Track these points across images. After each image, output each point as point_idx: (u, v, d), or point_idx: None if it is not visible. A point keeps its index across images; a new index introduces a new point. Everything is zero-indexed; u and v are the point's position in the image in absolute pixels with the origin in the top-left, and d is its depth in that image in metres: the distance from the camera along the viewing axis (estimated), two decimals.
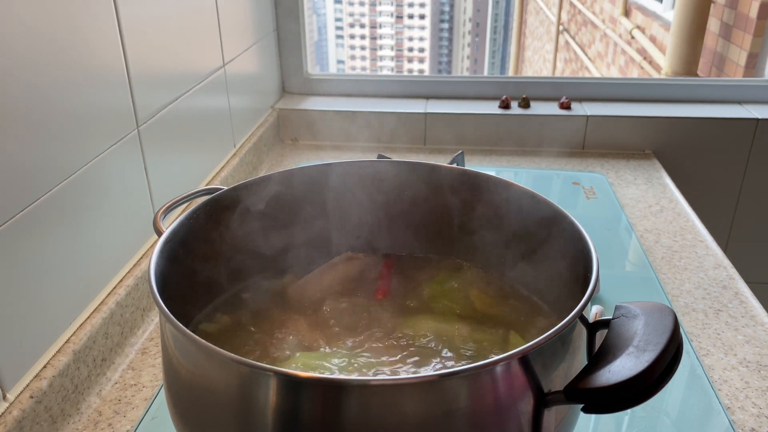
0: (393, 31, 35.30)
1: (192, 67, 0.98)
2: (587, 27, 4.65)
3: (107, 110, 0.74)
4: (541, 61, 6.66)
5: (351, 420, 0.41)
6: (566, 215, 0.58)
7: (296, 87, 1.47)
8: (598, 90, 1.42)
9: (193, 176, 1.01)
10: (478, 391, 0.42)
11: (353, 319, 0.64)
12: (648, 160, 1.32)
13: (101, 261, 0.75)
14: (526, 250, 0.65)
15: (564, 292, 0.59)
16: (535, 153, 1.36)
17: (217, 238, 0.64)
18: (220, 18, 1.07)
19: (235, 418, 0.44)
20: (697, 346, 0.78)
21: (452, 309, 0.65)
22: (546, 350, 0.44)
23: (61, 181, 0.66)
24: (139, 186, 0.83)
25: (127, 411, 0.68)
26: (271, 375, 0.42)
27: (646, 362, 0.41)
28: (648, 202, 1.15)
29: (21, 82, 0.60)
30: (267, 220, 0.68)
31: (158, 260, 0.53)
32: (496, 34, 30.01)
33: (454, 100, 1.43)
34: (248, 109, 1.26)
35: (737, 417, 0.68)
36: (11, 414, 0.58)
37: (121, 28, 0.76)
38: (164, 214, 0.60)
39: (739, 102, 1.38)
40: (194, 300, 0.63)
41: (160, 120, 0.87)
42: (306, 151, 1.38)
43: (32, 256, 0.63)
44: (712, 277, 0.93)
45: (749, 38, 2.24)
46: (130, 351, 0.77)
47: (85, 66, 0.70)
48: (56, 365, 0.65)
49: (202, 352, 0.44)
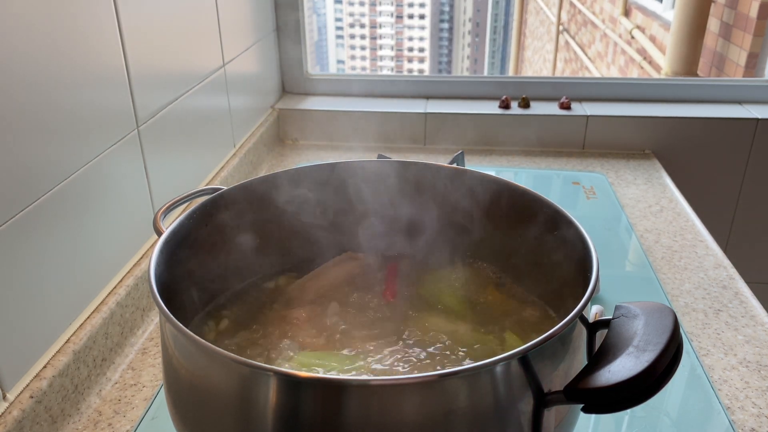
0: (393, 31, 35.31)
1: (192, 67, 0.98)
2: (587, 27, 4.65)
3: (107, 110, 0.74)
4: (541, 61, 6.66)
5: (351, 420, 0.41)
6: (566, 215, 0.58)
7: (296, 87, 1.47)
8: (598, 90, 1.42)
9: (193, 176, 1.01)
10: (478, 391, 0.42)
11: (353, 319, 0.64)
12: (648, 160, 1.32)
13: (101, 261, 0.75)
14: (526, 250, 0.65)
15: (564, 292, 0.59)
16: (535, 153, 1.36)
17: (217, 238, 0.64)
18: (220, 18, 1.07)
19: (235, 418, 0.44)
20: (697, 346, 0.78)
21: (452, 309, 0.65)
22: (546, 350, 0.44)
23: (60, 181, 0.66)
24: (139, 186, 0.83)
25: (127, 411, 0.68)
26: (271, 375, 0.42)
27: (646, 362, 0.41)
28: (648, 202, 1.15)
29: (21, 81, 0.60)
30: (267, 219, 0.68)
31: (158, 260, 0.53)
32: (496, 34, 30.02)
33: (454, 100, 1.43)
34: (248, 109, 1.26)
35: (737, 417, 0.68)
36: (11, 414, 0.58)
37: (121, 28, 0.76)
38: (164, 214, 0.60)
39: (739, 102, 1.38)
40: (194, 300, 0.63)
41: (160, 120, 0.87)
42: (306, 151, 1.38)
43: (32, 256, 0.63)
44: (712, 277, 0.93)
45: (749, 38, 2.24)
46: (130, 351, 0.77)
47: (85, 66, 0.70)
48: (56, 365, 0.65)
49: (202, 352, 0.44)
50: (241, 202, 0.65)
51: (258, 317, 0.64)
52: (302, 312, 0.65)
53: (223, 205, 0.64)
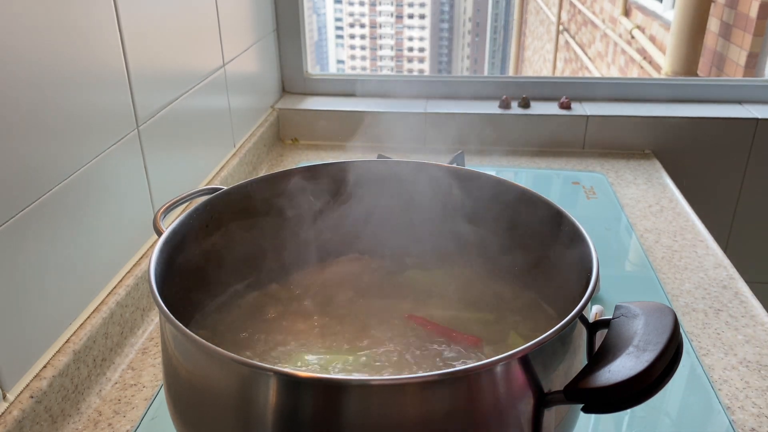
0: (393, 31, 35.30)
1: (192, 67, 0.98)
2: (587, 27, 4.65)
3: (107, 110, 0.74)
4: (541, 61, 6.66)
5: (351, 420, 0.41)
6: (566, 215, 0.58)
7: (296, 87, 1.47)
8: (598, 90, 1.42)
9: (193, 176, 1.01)
10: (478, 391, 0.42)
11: (354, 319, 0.64)
12: (648, 160, 1.32)
13: (101, 261, 0.75)
14: (526, 249, 0.65)
15: (564, 292, 0.59)
16: (535, 153, 1.36)
17: (217, 238, 0.64)
18: (220, 18, 1.07)
19: (235, 418, 0.44)
20: (697, 346, 0.78)
21: (452, 309, 0.65)
22: (546, 350, 0.44)
23: (60, 181, 0.66)
24: (139, 186, 0.83)
25: (127, 411, 0.68)
26: (271, 375, 0.42)
27: (646, 362, 0.41)
28: (648, 202, 1.15)
29: (21, 82, 0.60)
30: (267, 219, 0.67)
31: (158, 260, 0.53)
32: (496, 34, 30.01)
33: (454, 100, 1.43)
34: (248, 109, 1.26)
35: (737, 417, 0.68)
36: (11, 414, 0.58)
37: (121, 28, 0.76)
38: (164, 214, 0.60)
39: (739, 102, 1.38)
40: (194, 300, 0.63)
41: (160, 120, 0.87)
42: (306, 151, 1.38)
43: (32, 256, 0.63)
44: (712, 276, 0.93)
45: (749, 38, 2.24)
46: (130, 351, 0.77)
47: (85, 66, 0.70)
48: (56, 365, 0.65)
49: (202, 352, 0.44)
50: (241, 202, 0.65)
51: (258, 317, 0.64)
52: (303, 312, 0.65)
53: (223, 205, 0.64)
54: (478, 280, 0.69)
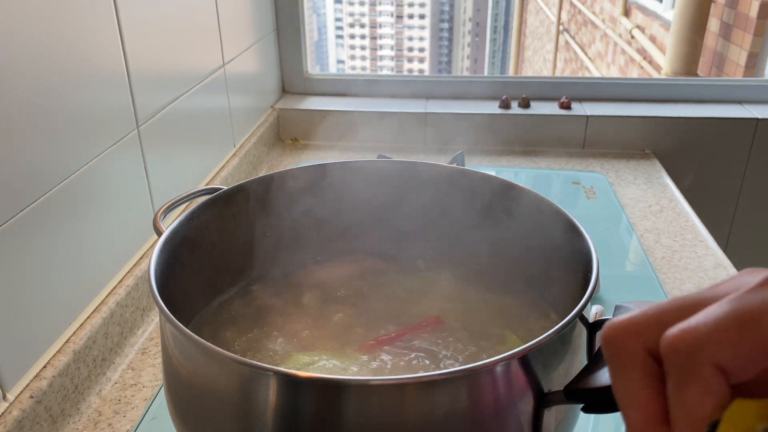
0: (393, 31, 35.30)
1: (192, 67, 0.98)
2: (587, 27, 4.65)
3: (107, 110, 0.74)
4: (541, 61, 6.66)
5: (351, 420, 0.41)
6: (566, 215, 0.58)
7: (296, 87, 1.47)
8: (598, 90, 1.42)
9: (193, 176, 1.01)
10: (478, 391, 0.42)
11: (355, 320, 0.64)
12: (648, 160, 1.32)
13: (101, 261, 0.75)
14: (526, 249, 0.65)
15: (564, 292, 0.59)
16: (535, 153, 1.36)
17: (217, 238, 0.64)
18: (220, 18, 1.07)
19: (235, 418, 0.44)
20: None
21: (452, 309, 0.65)
22: (546, 350, 0.44)
23: (60, 180, 0.66)
24: (139, 186, 0.83)
25: (127, 411, 0.68)
26: (271, 375, 0.42)
27: None
28: (648, 202, 1.15)
29: (21, 82, 0.60)
30: (267, 220, 0.67)
31: (158, 260, 0.53)
32: (496, 34, 30.01)
33: (454, 100, 1.43)
34: (248, 109, 1.26)
35: None
36: (11, 414, 0.58)
37: (121, 28, 0.76)
38: (164, 214, 0.60)
39: (739, 102, 1.38)
40: (194, 300, 0.63)
41: (160, 120, 0.87)
42: (306, 151, 1.38)
43: (32, 255, 0.63)
44: (712, 276, 0.93)
45: (749, 38, 2.24)
46: (130, 351, 0.77)
47: (85, 66, 0.70)
48: (56, 365, 0.65)
49: (202, 352, 0.44)
50: (241, 202, 0.65)
51: (258, 317, 0.64)
52: (303, 312, 0.65)
53: (223, 205, 0.64)
54: (477, 280, 0.69)
